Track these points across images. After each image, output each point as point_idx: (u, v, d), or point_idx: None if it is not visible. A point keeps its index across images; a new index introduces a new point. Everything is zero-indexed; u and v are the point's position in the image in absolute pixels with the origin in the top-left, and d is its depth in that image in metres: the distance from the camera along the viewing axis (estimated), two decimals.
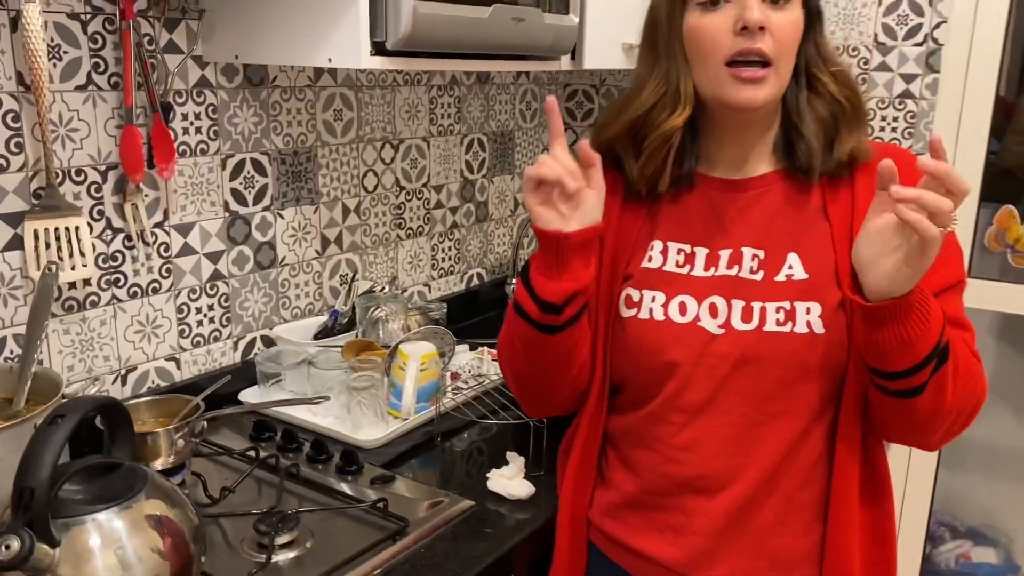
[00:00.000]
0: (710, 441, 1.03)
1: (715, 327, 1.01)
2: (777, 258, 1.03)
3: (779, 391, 1.00)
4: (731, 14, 0.97)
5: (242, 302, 1.64)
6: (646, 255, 1.08)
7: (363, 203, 1.85)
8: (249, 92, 1.57)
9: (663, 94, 1.03)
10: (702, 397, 1.02)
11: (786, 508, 1.03)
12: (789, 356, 0.99)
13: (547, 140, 2.36)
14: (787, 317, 0.99)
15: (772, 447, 1.01)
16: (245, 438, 1.46)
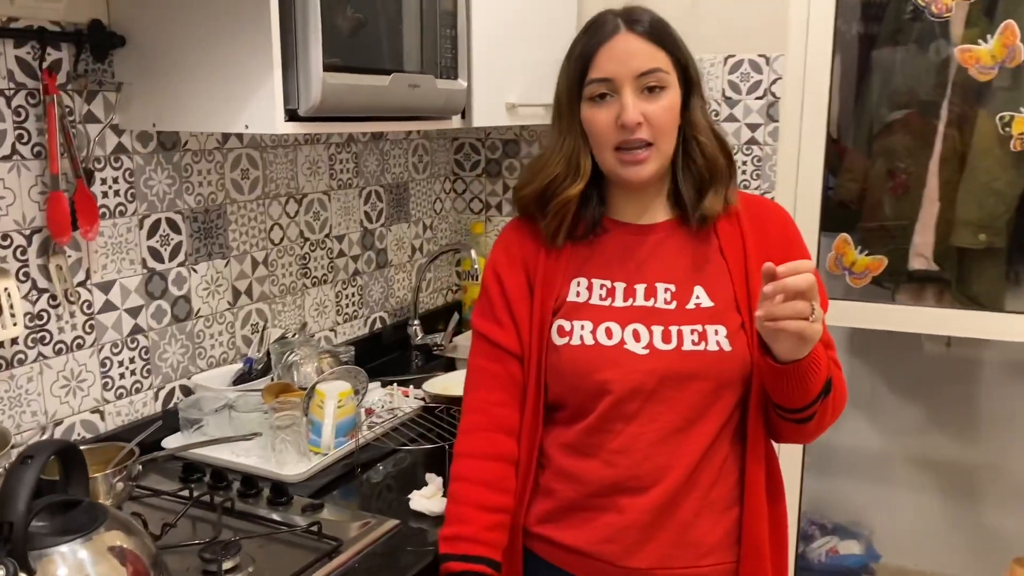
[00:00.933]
0: (641, 445, 1.20)
1: (640, 348, 1.20)
2: (686, 290, 1.23)
3: (697, 400, 1.19)
4: (614, 110, 1.19)
5: (161, 354, 1.72)
6: (572, 291, 1.27)
7: (270, 255, 1.96)
8: (162, 156, 1.68)
9: (565, 167, 1.25)
10: (633, 408, 1.20)
11: (704, 502, 1.21)
12: (705, 369, 1.18)
13: (438, 190, 2.54)
14: (700, 338, 1.19)
15: (692, 449, 1.20)
16: (175, 481, 1.54)
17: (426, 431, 1.72)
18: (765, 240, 1.25)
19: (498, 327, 1.29)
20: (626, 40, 1.19)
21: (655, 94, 1.19)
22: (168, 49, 1.50)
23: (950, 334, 2.30)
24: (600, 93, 1.20)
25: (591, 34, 1.22)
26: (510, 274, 1.30)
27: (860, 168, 2.42)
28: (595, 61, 1.20)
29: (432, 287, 2.58)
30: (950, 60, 2.13)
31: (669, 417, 1.19)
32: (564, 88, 1.26)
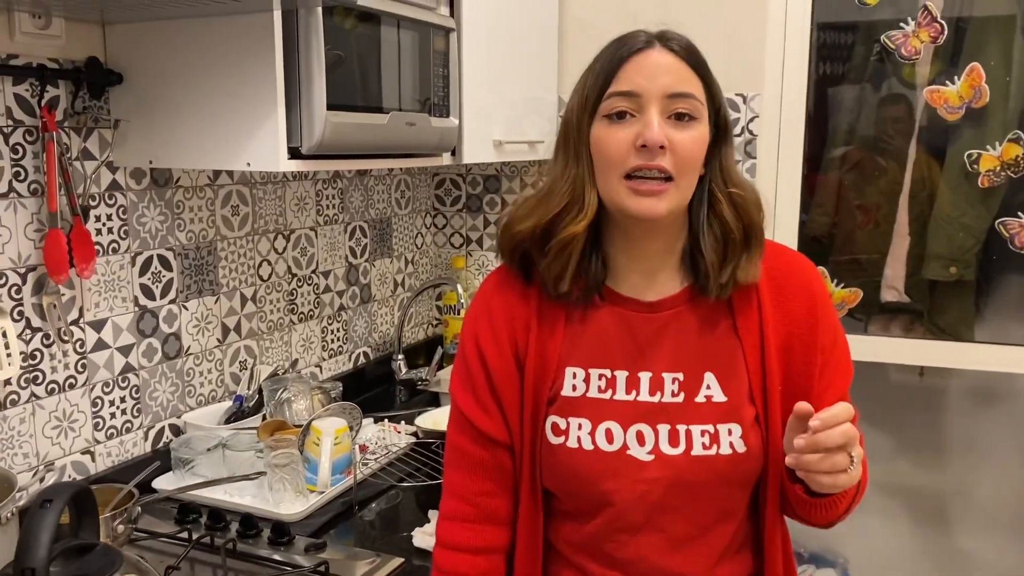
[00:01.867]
0: (653, 554, 1.08)
1: (644, 454, 1.05)
2: (695, 379, 1.06)
3: (709, 506, 1.07)
4: (634, 130, 1.00)
5: (151, 392, 1.69)
6: (567, 383, 1.09)
7: (259, 291, 1.95)
8: (155, 192, 1.67)
9: (569, 200, 1.05)
10: (640, 519, 1.07)
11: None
12: (717, 475, 1.05)
13: (419, 225, 2.55)
14: (712, 440, 1.04)
15: (708, 553, 1.09)
16: (170, 522, 1.51)
17: (420, 466, 1.72)
18: (787, 313, 1.07)
19: (484, 414, 1.12)
20: (660, 55, 1.04)
21: (684, 123, 1.01)
22: (167, 87, 1.50)
23: (922, 364, 2.37)
24: (619, 111, 1.02)
25: (618, 46, 1.06)
26: (495, 353, 1.11)
27: (831, 203, 2.49)
28: (620, 73, 1.02)
29: (413, 321, 2.58)
30: (917, 99, 2.22)
31: (680, 526, 1.07)
32: (576, 105, 1.06)
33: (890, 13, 2.18)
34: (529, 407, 1.09)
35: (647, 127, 1.00)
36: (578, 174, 1.06)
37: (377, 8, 1.55)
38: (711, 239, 1.05)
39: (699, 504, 1.07)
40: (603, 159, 1.04)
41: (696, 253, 1.07)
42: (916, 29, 2.15)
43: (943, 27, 2.13)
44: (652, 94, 1.01)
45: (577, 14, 2.40)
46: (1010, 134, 2.12)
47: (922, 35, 2.15)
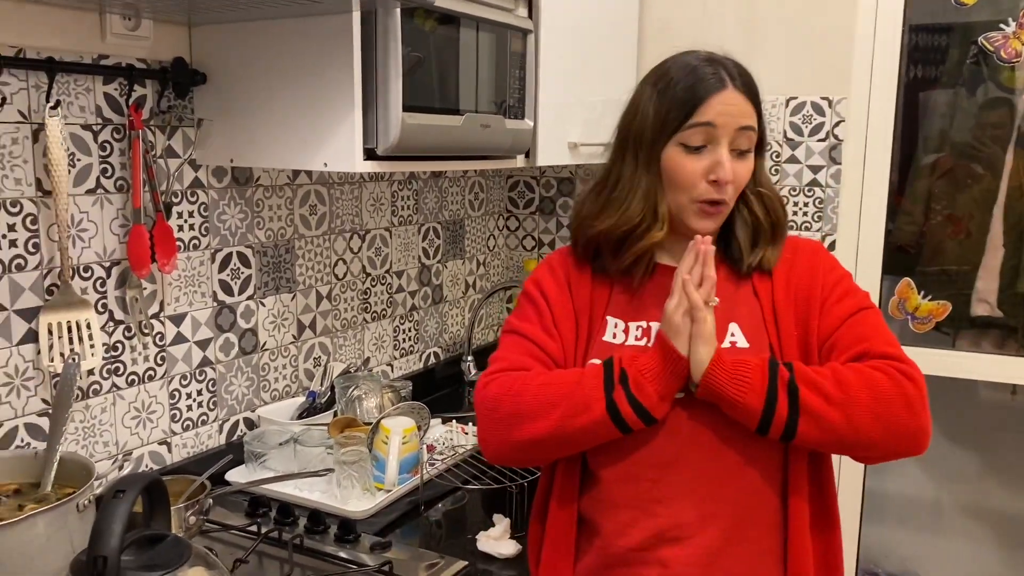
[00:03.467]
0: (680, 493, 1.15)
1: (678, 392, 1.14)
2: (721, 327, 1.17)
3: (733, 444, 1.14)
4: (706, 162, 1.16)
5: (227, 386, 1.73)
6: (608, 330, 1.23)
7: (334, 290, 1.97)
8: (236, 191, 1.70)
9: (646, 213, 1.20)
10: (668, 453, 1.15)
11: (752, 552, 1.17)
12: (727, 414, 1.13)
13: (492, 227, 2.55)
14: None
15: (735, 496, 1.15)
16: (241, 515, 1.54)
17: (486, 469, 1.71)
18: (795, 276, 1.23)
19: (546, 335, 1.24)
20: (733, 94, 1.17)
21: (742, 156, 1.18)
22: (248, 87, 1.53)
23: (1016, 382, 2.25)
24: (698, 145, 1.16)
25: (700, 79, 1.17)
26: (556, 293, 1.26)
27: (919, 212, 2.39)
28: (705, 106, 1.16)
29: (483, 323, 2.58)
30: (1016, 104, 2.11)
31: (705, 463, 1.15)
32: (652, 123, 1.19)
33: (988, 14, 2.08)
34: (583, 342, 1.24)
35: (720, 166, 1.16)
36: (650, 187, 1.21)
37: (455, 10, 1.55)
38: (743, 231, 1.24)
39: (725, 441, 1.15)
40: (677, 183, 1.20)
41: (730, 238, 1.25)
42: (1017, 31, 2.05)
43: None
44: (728, 128, 1.17)
45: (658, 14, 2.36)
46: None
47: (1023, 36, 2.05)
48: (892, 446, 1.12)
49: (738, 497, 1.16)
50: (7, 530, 1.07)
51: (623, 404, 1.12)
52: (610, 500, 1.19)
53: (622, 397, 1.12)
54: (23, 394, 1.37)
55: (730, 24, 2.28)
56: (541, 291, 1.28)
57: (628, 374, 1.13)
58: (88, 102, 1.42)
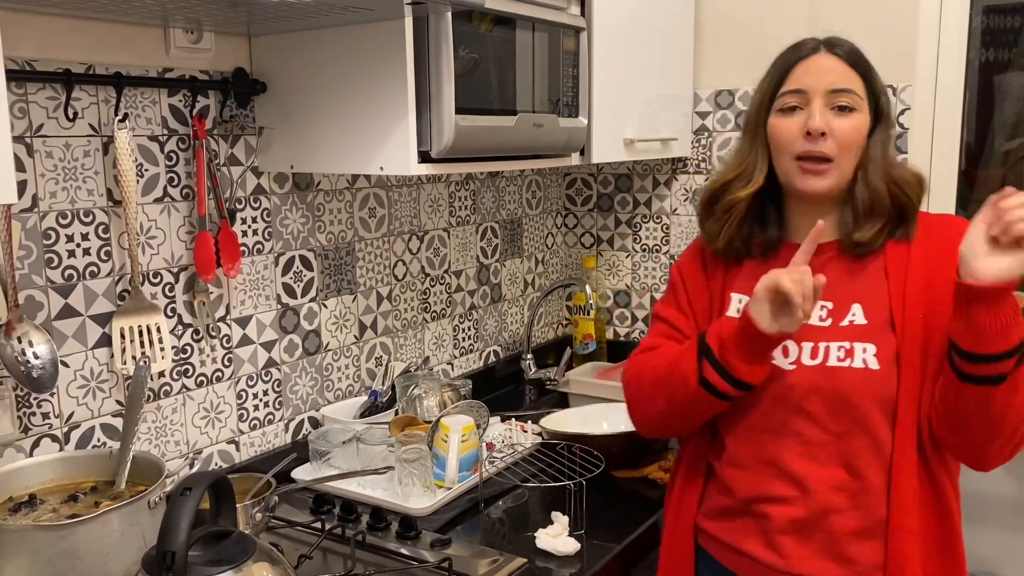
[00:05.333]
0: (789, 457, 1.24)
1: (787, 364, 1.24)
2: (843, 308, 1.25)
3: (841, 415, 1.21)
4: (801, 119, 1.24)
5: (292, 386, 1.78)
6: (732, 306, 1.33)
7: (394, 290, 2.01)
8: (297, 196, 1.74)
9: (739, 173, 1.31)
10: (779, 421, 1.25)
11: (857, 519, 1.22)
12: (848, 385, 1.20)
13: (550, 225, 2.56)
14: (847, 355, 1.22)
15: (840, 464, 1.22)
16: (306, 512, 1.58)
17: (545, 467, 1.72)
18: (930, 256, 1.24)
19: (680, 314, 1.38)
20: (824, 58, 1.26)
21: (844, 113, 1.23)
22: (306, 95, 1.57)
23: None
24: (790, 106, 1.25)
25: (791, 51, 1.29)
26: (692, 273, 1.39)
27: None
28: (791, 75, 1.26)
29: (543, 321, 2.59)
30: None
31: (814, 431, 1.23)
32: (756, 100, 1.31)
33: None
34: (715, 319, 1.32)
35: (811, 117, 1.23)
36: (754, 152, 1.31)
37: (506, 11, 1.56)
38: (849, 207, 1.26)
39: (832, 413, 1.21)
40: (776, 143, 1.27)
41: (854, 216, 1.26)
42: None
43: None
44: (816, 90, 1.24)
45: (716, 6, 2.33)
46: None
47: None
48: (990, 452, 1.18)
49: (843, 465, 1.22)
50: (84, 525, 1.13)
51: (711, 374, 1.22)
52: (730, 458, 1.31)
53: (708, 368, 1.22)
54: (98, 396, 1.44)
55: (791, 13, 2.24)
56: (680, 273, 1.41)
57: (710, 346, 1.22)
58: (154, 114, 1.48)
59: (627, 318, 2.60)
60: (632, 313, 2.59)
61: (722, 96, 2.36)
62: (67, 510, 1.23)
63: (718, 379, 1.21)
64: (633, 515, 1.58)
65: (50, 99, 1.34)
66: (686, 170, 2.44)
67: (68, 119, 1.35)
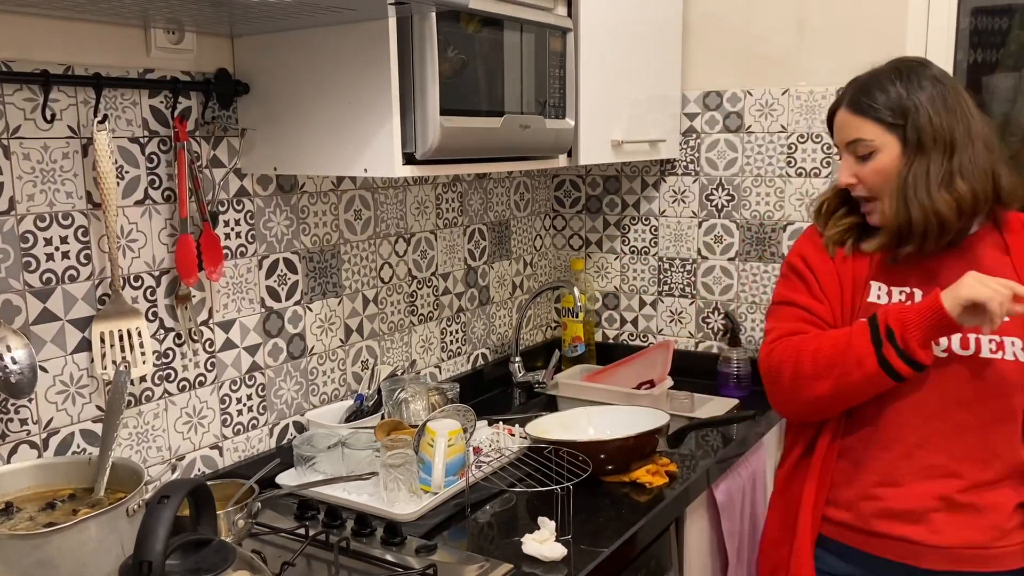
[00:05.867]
0: (937, 439, 1.38)
1: (939, 351, 1.36)
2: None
3: (992, 404, 1.36)
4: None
5: (276, 390, 1.76)
6: (872, 293, 1.44)
7: (380, 293, 1.99)
8: (281, 198, 1.73)
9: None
10: (932, 404, 1.37)
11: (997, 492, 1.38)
12: (998, 376, 1.35)
13: (538, 227, 2.55)
14: (998, 347, 1.36)
15: (985, 444, 1.37)
16: (290, 518, 1.57)
17: (533, 471, 1.70)
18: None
19: (815, 301, 1.46)
20: (841, 114, 1.45)
21: (865, 159, 1.41)
22: (290, 96, 1.55)
23: None
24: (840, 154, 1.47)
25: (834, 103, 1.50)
26: (820, 263, 1.48)
27: None
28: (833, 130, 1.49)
29: (531, 324, 2.57)
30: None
31: (963, 415, 1.36)
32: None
33: None
34: (848, 304, 1.44)
35: (841, 171, 1.45)
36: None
37: (491, 11, 1.55)
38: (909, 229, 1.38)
39: (983, 401, 1.36)
40: None
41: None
42: None
43: None
44: (841, 146, 1.46)
45: (704, 8, 2.33)
46: None
47: None
48: None
49: (990, 447, 1.37)
50: (62, 534, 1.11)
51: (892, 356, 1.31)
52: (873, 442, 1.41)
53: (891, 351, 1.31)
54: (78, 401, 1.42)
55: (779, 15, 2.24)
56: (806, 263, 1.49)
57: (892, 328, 1.32)
58: (135, 115, 1.46)
59: (616, 320, 2.59)
60: (621, 315, 2.58)
61: (710, 97, 2.35)
62: (44, 518, 1.21)
63: (899, 361, 1.31)
64: (621, 520, 1.57)
65: (27, 100, 1.32)
66: (675, 172, 2.43)
67: (46, 120, 1.33)
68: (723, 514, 1.89)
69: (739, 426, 2.07)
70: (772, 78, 2.26)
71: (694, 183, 2.41)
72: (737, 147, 2.33)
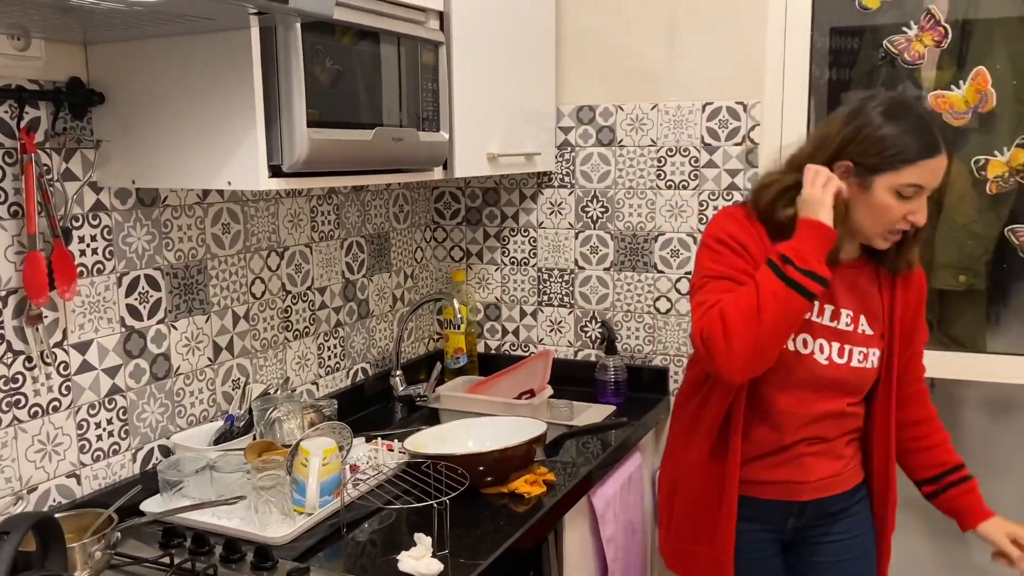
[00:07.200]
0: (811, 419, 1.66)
1: (823, 359, 1.62)
2: (858, 317, 1.65)
3: (851, 396, 1.67)
4: (907, 207, 1.52)
5: (139, 414, 1.68)
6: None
7: (252, 309, 1.93)
8: (142, 212, 1.65)
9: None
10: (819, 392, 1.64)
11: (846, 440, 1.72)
12: (859, 379, 1.66)
13: (419, 239, 2.53)
14: (864, 358, 1.65)
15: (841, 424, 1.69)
16: (154, 547, 1.49)
17: (411, 487, 1.69)
18: (907, 294, 1.69)
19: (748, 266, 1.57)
20: (944, 161, 1.52)
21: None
22: (148, 106, 1.49)
23: (934, 376, 2.31)
24: (907, 194, 1.51)
25: (924, 140, 1.50)
26: (748, 234, 1.60)
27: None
28: (920, 166, 1.50)
29: (413, 336, 2.55)
30: (925, 103, 2.16)
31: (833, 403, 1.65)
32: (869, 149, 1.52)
33: (892, 17, 2.13)
34: None
35: (919, 213, 1.54)
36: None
37: (358, 23, 1.53)
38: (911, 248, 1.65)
39: (845, 394, 1.67)
40: (882, 219, 1.55)
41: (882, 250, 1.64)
42: (919, 33, 2.10)
43: (947, 31, 2.08)
44: (929, 189, 1.54)
45: (576, 24, 2.37)
46: (1018, 139, 2.06)
47: (925, 39, 2.10)
48: None
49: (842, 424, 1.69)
50: None
51: (796, 275, 1.47)
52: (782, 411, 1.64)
53: (793, 271, 1.47)
54: None
55: (648, 32, 2.31)
56: (733, 237, 1.59)
57: (786, 255, 1.48)
58: None
59: (498, 331, 2.60)
60: (503, 326, 2.59)
61: (584, 112, 2.40)
62: None
63: (803, 277, 1.47)
64: (499, 532, 1.57)
65: None
66: (551, 184, 2.47)
67: None
68: (601, 520, 1.93)
69: (616, 432, 2.11)
70: (643, 93, 2.33)
71: (570, 195, 2.45)
72: (610, 160, 2.38)
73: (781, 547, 1.78)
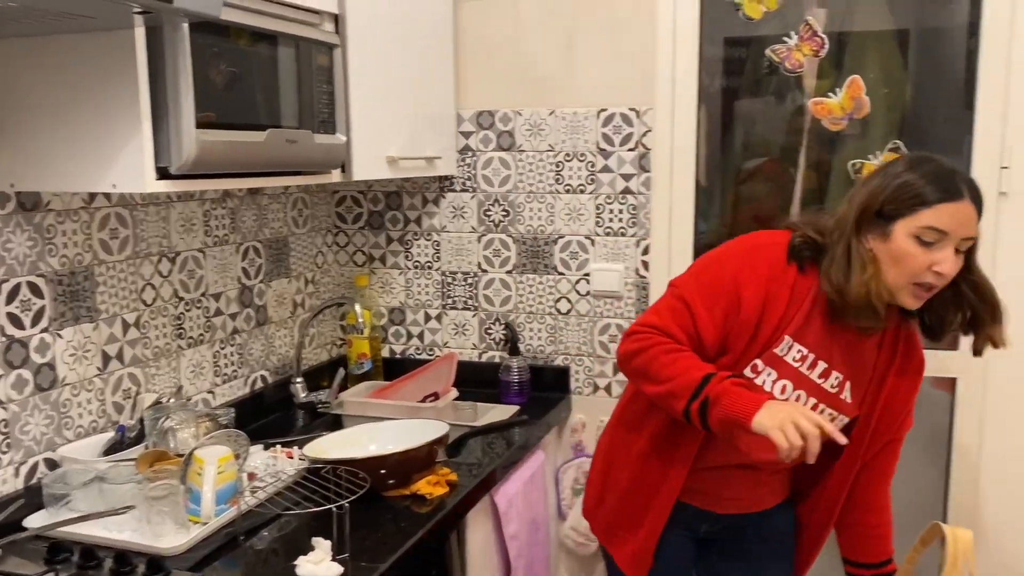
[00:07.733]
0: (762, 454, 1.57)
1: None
2: (844, 382, 1.58)
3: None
4: (933, 256, 1.42)
5: (23, 426, 1.61)
6: (782, 345, 1.54)
7: (143, 317, 1.88)
8: (22, 217, 1.59)
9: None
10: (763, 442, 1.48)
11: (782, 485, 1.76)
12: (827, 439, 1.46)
13: (320, 243, 2.51)
14: (832, 419, 1.55)
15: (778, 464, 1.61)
16: (39, 564, 1.44)
17: (310, 493, 1.67)
18: (905, 373, 1.61)
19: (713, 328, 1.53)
20: (968, 207, 1.42)
21: (960, 255, 1.44)
22: (28, 107, 1.44)
23: None
24: (929, 240, 1.42)
25: (942, 189, 1.42)
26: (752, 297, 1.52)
27: (728, 212, 2.54)
28: (938, 209, 1.41)
29: (316, 342, 2.53)
30: (805, 111, 2.28)
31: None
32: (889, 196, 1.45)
33: (775, 28, 2.23)
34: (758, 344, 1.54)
35: (945, 262, 1.42)
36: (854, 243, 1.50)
37: (251, 25, 1.51)
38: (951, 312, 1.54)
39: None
40: (905, 268, 1.45)
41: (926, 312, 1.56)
42: (799, 43, 2.21)
43: (824, 41, 2.19)
44: (955, 236, 1.42)
45: (473, 31, 2.40)
46: (890, 144, 2.19)
47: (804, 49, 2.21)
48: None
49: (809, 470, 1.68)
50: None
51: (693, 413, 1.48)
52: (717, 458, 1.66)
53: (695, 409, 1.47)
54: None
55: (546, 40, 2.35)
56: (738, 291, 1.52)
57: (710, 398, 1.45)
58: None
59: (403, 335, 2.60)
60: (407, 330, 2.59)
61: (483, 116, 2.42)
62: None
63: (696, 419, 1.48)
64: (401, 533, 1.57)
65: None
66: (453, 188, 2.48)
67: None
68: (504, 518, 1.95)
69: (519, 431, 2.14)
70: (541, 99, 2.37)
71: (472, 199, 2.47)
72: (510, 165, 2.42)
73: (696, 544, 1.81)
